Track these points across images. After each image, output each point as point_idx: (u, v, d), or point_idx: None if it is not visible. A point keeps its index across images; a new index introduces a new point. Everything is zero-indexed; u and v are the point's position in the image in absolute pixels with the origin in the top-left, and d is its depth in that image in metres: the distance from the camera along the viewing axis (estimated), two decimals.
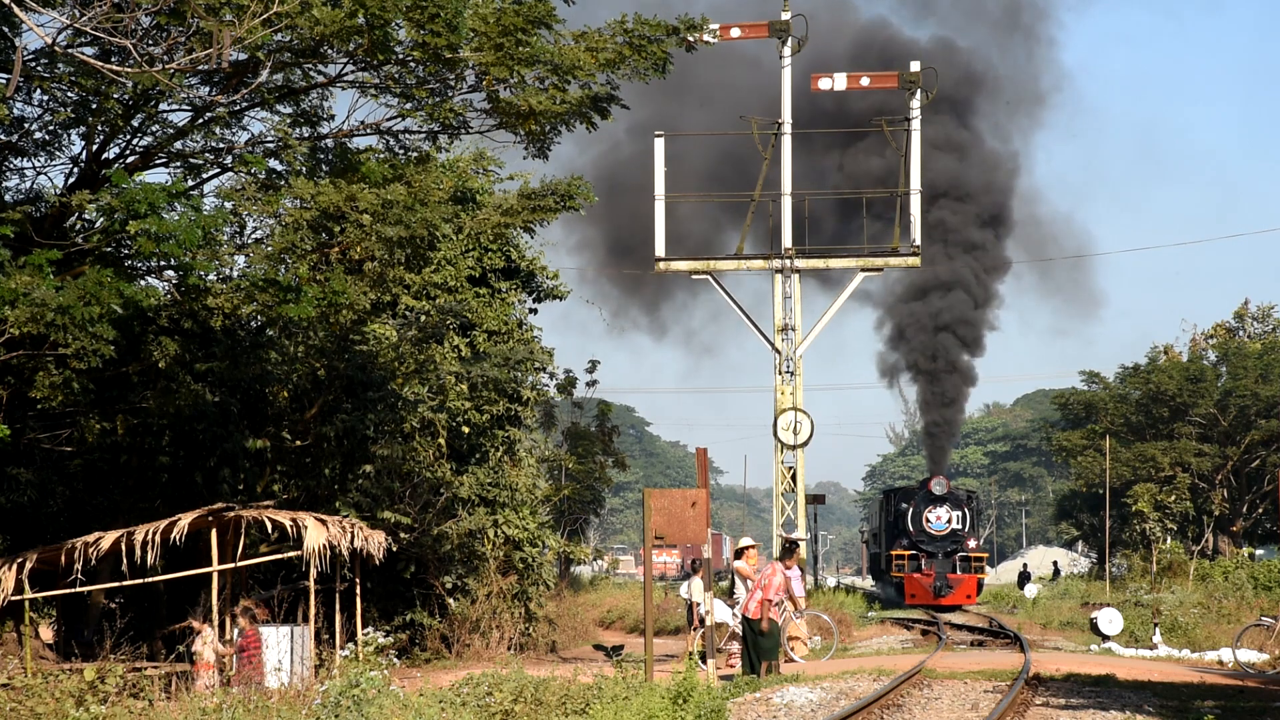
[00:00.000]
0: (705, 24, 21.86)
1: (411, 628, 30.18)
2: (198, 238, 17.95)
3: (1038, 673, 24.07)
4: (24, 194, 21.72)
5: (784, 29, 35.76)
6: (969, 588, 51.34)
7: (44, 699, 17.09)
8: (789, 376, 35.77)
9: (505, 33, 19.41)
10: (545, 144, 21.42)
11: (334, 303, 20.47)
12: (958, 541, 52.18)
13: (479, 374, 30.16)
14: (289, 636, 21.31)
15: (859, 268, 36.35)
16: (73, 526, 23.33)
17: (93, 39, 17.93)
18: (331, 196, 20.31)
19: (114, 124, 20.09)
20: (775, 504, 36.08)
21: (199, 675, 20.42)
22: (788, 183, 36.01)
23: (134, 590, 23.22)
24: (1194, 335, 69.25)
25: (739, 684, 21.36)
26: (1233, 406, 61.24)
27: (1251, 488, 63.10)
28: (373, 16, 18.09)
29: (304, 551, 20.91)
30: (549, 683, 17.88)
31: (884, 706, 19.55)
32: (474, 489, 30.81)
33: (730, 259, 36.57)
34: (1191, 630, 35.04)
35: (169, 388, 22.56)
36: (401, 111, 20.63)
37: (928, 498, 52.90)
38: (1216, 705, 19.90)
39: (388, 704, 15.95)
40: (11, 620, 21.74)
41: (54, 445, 22.74)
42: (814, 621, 30.81)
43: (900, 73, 36.64)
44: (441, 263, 30.86)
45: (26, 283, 17.12)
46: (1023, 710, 19.46)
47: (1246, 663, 28.42)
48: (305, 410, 26.40)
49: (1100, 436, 61.19)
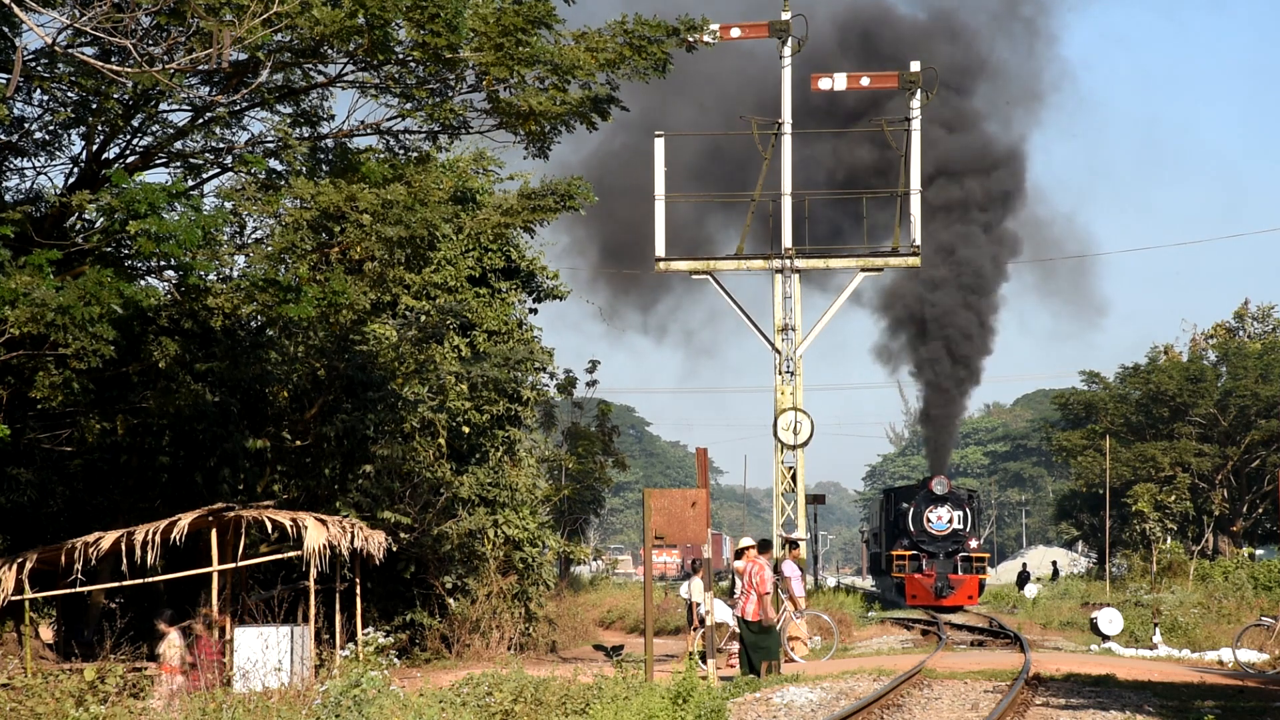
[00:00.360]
0: (705, 25, 21.86)
1: (411, 628, 30.18)
2: (198, 238, 17.94)
3: (1038, 673, 24.07)
4: (24, 194, 21.72)
5: (784, 29, 35.76)
6: (970, 588, 50.78)
7: (44, 699, 17.09)
8: (789, 376, 35.77)
9: (505, 33, 19.41)
10: (545, 144, 21.42)
11: (334, 303, 20.47)
12: (959, 541, 51.60)
13: (479, 374, 30.16)
14: (289, 636, 21.30)
15: (859, 268, 36.35)
16: (73, 526, 23.33)
17: (93, 39, 17.93)
18: (331, 196, 20.31)
19: (114, 124, 20.09)
20: (775, 504, 36.07)
21: (162, 678, 20.30)
22: (788, 182, 35.99)
23: (134, 590, 23.21)
24: (1194, 335, 69.34)
25: (739, 684, 21.36)
26: (1233, 406, 61.25)
27: (1251, 488, 63.12)
28: (373, 16, 18.08)
29: (304, 551, 20.90)
30: (549, 683, 17.87)
31: (884, 706, 19.55)
32: (474, 489, 30.80)
33: (730, 259, 36.56)
34: (1191, 630, 35.04)
35: (169, 388, 22.56)
36: (401, 112, 20.63)
37: (929, 497, 52.27)
38: (1217, 705, 19.90)
39: (388, 704, 15.94)
40: (11, 620, 21.74)
41: (54, 445, 22.74)
42: (814, 621, 30.80)
43: (900, 73, 36.63)
44: (441, 263, 30.85)
45: (27, 283, 17.11)
46: (1023, 710, 19.46)
47: (1247, 663, 28.42)
48: (305, 410, 26.39)
49: (1100, 436, 61.20)
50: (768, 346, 35.97)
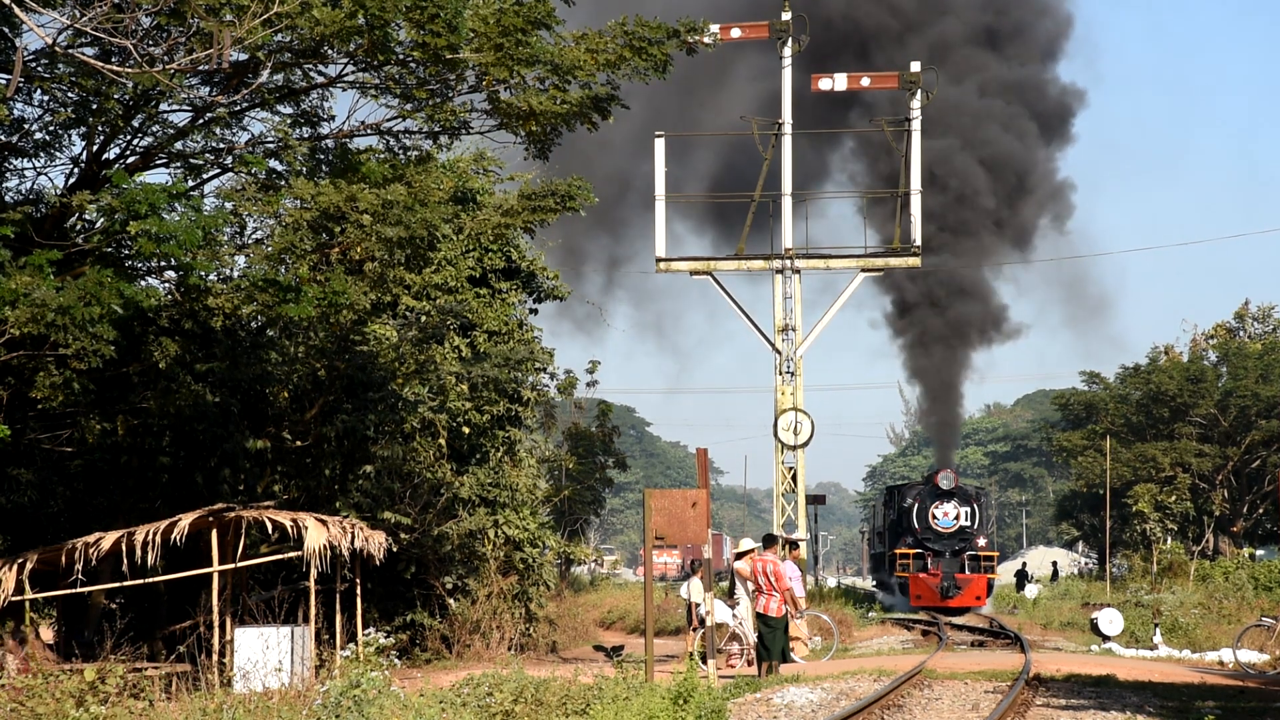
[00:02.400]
0: (705, 26, 21.86)
1: (412, 628, 30.17)
2: (198, 238, 17.94)
3: (1038, 673, 24.06)
4: (24, 194, 21.71)
5: (784, 29, 35.78)
6: (978, 589, 48.01)
7: (44, 699, 17.07)
8: (789, 377, 35.78)
9: (505, 33, 19.41)
10: (546, 145, 21.42)
11: (334, 303, 20.47)
12: (966, 539, 48.78)
13: (479, 374, 30.15)
14: (289, 637, 21.31)
15: (859, 268, 36.37)
16: (73, 527, 23.33)
17: (93, 39, 17.92)
18: (331, 197, 20.31)
19: (114, 124, 20.08)
20: (775, 504, 36.08)
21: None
22: (788, 183, 36.01)
23: (134, 591, 23.21)
24: (1194, 335, 69.37)
25: (739, 684, 21.36)
26: (1233, 407, 61.27)
27: (1252, 488, 63.14)
28: (373, 17, 18.08)
29: (304, 552, 20.90)
30: (549, 683, 17.87)
31: (884, 707, 19.54)
32: (474, 489, 30.80)
33: (730, 259, 36.58)
34: (1192, 631, 35.05)
35: (169, 388, 22.56)
36: (402, 112, 20.62)
37: (934, 492, 49.36)
38: (1217, 706, 19.88)
39: (388, 704, 15.94)
40: (12, 620, 21.73)
41: (54, 445, 22.73)
42: (814, 622, 30.80)
43: (901, 73, 36.65)
44: (442, 263, 30.84)
45: (27, 283, 17.11)
46: (1023, 710, 19.45)
47: (1247, 663, 28.42)
48: (306, 410, 26.39)
49: (1100, 437, 61.23)
50: (768, 347, 35.99)
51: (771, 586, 23.30)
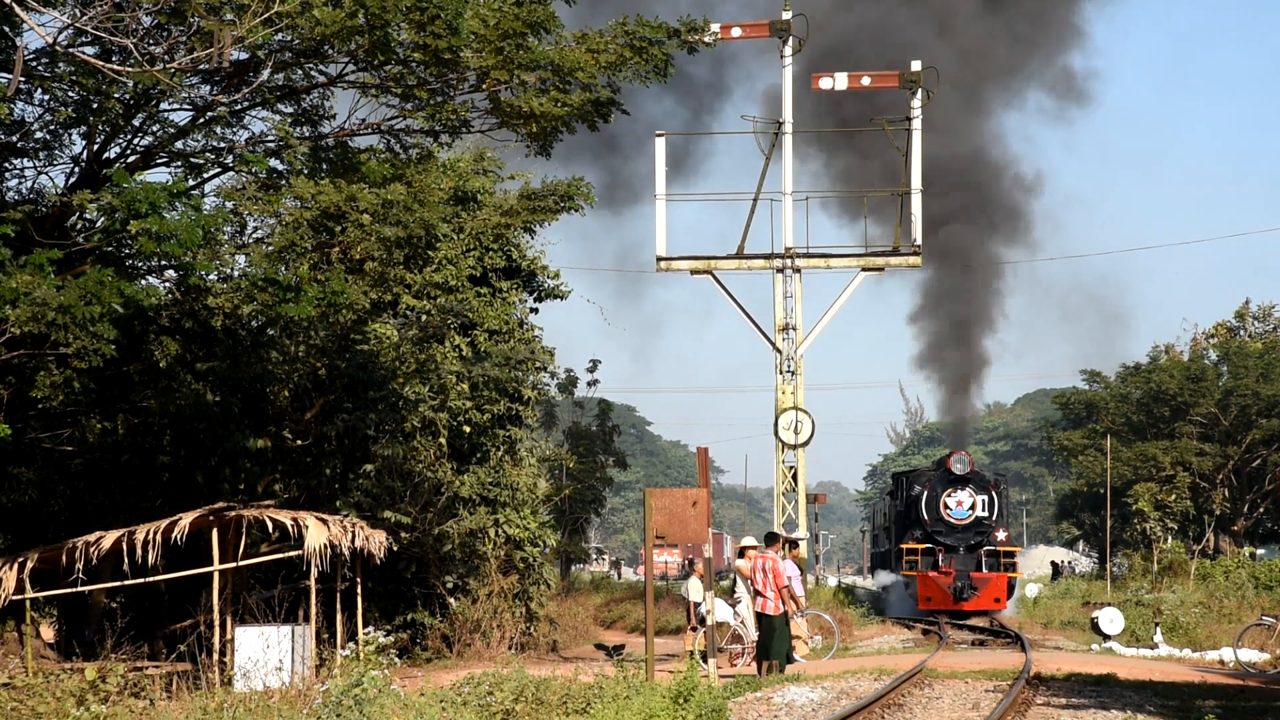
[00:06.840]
0: (706, 26, 21.85)
1: (412, 627, 30.18)
2: (198, 237, 17.94)
3: (1039, 672, 24.06)
4: (25, 194, 21.73)
5: (785, 29, 35.79)
6: (997, 589, 41.19)
7: (45, 699, 17.09)
8: (790, 376, 35.78)
9: (505, 36, 19.40)
10: (547, 145, 21.43)
11: (334, 302, 20.47)
12: (983, 532, 41.89)
13: (480, 373, 30.15)
14: (290, 636, 21.32)
15: (859, 268, 36.38)
16: (74, 526, 23.33)
17: (94, 38, 17.92)
18: (332, 196, 20.31)
19: (115, 124, 20.09)
20: (776, 503, 36.09)
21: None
22: (789, 182, 36.02)
23: (135, 590, 23.22)
24: (1195, 334, 69.34)
25: (739, 683, 21.36)
26: (1234, 406, 61.26)
27: (1252, 487, 63.13)
28: (373, 17, 18.08)
29: (305, 551, 20.91)
30: (550, 682, 17.87)
31: (885, 706, 19.54)
32: (475, 488, 30.80)
33: (731, 258, 36.58)
34: (1193, 630, 35.04)
35: (170, 387, 22.56)
36: (403, 112, 20.63)
37: (946, 478, 42.18)
38: (1218, 705, 19.88)
39: (389, 703, 15.94)
40: (12, 620, 21.74)
41: (55, 445, 22.74)
42: (815, 621, 30.79)
43: (901, 73, 36.66)
44: (442, 262, 30.85)
45: (27, 282, 17.11)
46: (1024, 710, 19.45)
47: (1248, 662, 28.42)
48: (306, 410, 26.39)
49: (1101, 436, 61.19)
50: (769, 346, 36.00)
51: (768, 584, 23.33)
